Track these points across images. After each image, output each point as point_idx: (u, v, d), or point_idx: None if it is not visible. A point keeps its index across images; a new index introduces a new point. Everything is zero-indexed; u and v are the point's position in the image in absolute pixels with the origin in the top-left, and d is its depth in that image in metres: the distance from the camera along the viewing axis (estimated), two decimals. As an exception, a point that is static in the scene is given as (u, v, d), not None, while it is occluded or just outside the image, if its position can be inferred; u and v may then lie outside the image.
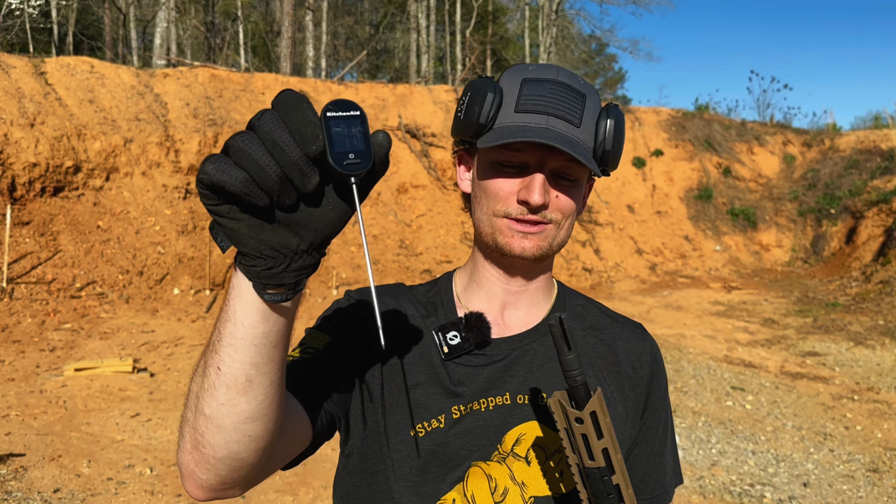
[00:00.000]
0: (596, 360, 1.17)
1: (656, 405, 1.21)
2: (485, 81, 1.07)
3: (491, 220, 1.08)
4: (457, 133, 1.11)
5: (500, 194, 1.06)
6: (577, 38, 31.94)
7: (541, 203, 1.03)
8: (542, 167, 1.05)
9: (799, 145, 19.25)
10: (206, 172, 0.67)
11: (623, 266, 14.64)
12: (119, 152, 10.98)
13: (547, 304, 1.20)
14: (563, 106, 1.04)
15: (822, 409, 6.70)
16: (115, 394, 6.16)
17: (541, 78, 1.06)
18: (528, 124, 1.03)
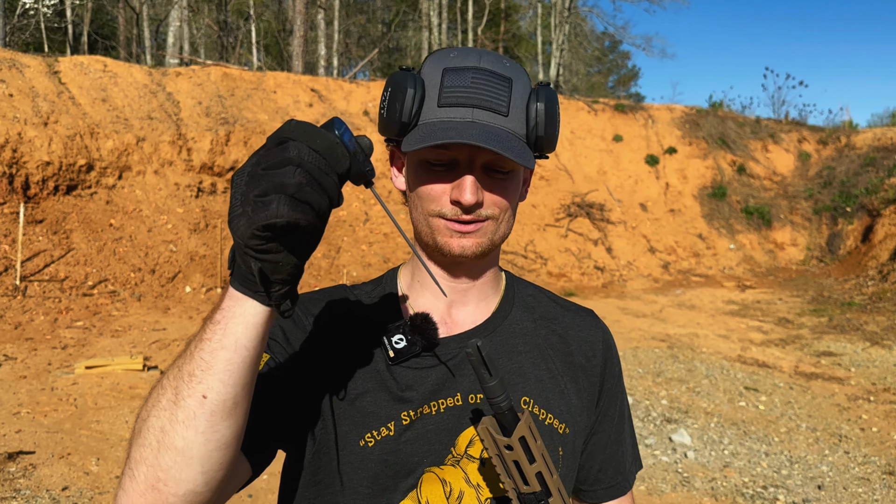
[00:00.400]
0: (548, 351, 1.14)
1: (611, 393, 1.20)
2: (404, 75, 1.01)
3: (427, 221, 1.04)
4: (382, 132, 1.06)
5: (432, 195, 1.02)
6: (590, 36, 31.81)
7: (473, 202, 0.99)
8: (473, 163, 1.00)
9: (814, 143, 19.06)
10: (280, 215, 0.69)
11: (635, 265, 14.55)
12: (132, 151, 11.02)
13: (496, 297, 1.16)
14: (487, 95, 0.99)
15: (837, 411, 6.62)
16: (125, 392, 6.16)
17: (462, 66, 1.00)
18: (452, 119, 0.98)
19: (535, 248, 13.91)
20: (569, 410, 1.11)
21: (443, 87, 0.99)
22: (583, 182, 16.08)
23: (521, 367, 1.11)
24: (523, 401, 1.08)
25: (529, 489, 0.90)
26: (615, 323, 10.00)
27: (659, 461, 5.28)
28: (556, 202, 15.25)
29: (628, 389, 6.93)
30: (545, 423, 1.08)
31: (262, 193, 0.71)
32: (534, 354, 1.13)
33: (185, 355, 0.81)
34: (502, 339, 1.12)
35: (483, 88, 0.99)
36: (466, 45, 26.47)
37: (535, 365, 1.12)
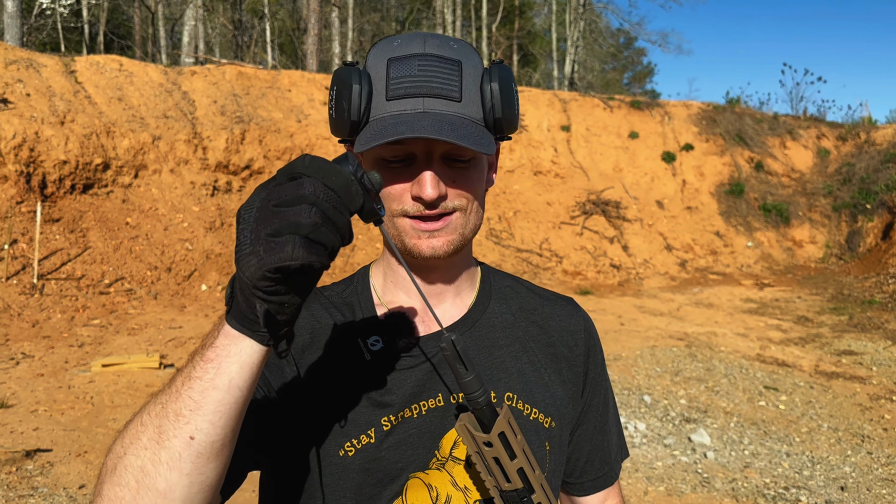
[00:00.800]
0: (529, 343, 1.11)
1: (595, 382, 1.17)
2: (347, 71, 0.96)
3: (393, 222, 0.99)
4: (335, 133, 1.01)
5: (393, 193, 0.97)
6: (606, 32, 31.63)
7: (434, 196, 0.94)
8: (431, 156, 0.96)
9: (833, 139, 18.84)
10: (295, 258, 0.67)
11: (652, 262, 14.44)
12: (147, 150, 11.05)
13: (472, 290, 1.12)
14: (436, 82, 0.94)
15: (859, 410, 6.52)
16: (141, 390, 6.17)
17: (407, 54, 0.95)
18: (402, 112, 0.93)
19: (549, 247, 13.83)
20: (553, 403, 1.09)
21: (389, 79, 0.95)
22: (598, 179, 15.99)
23: (502, 362, 1.07)
24: (507, 396, 1.05)
25: (511, 486, 0.87)
26: (632, 321, 9.92)
27: (678, 461, 5.22)
28: (571, 200, 15.17)
29: (647, 388, 6.86)
30: (530, 418, 1.05)
31: (274, 233, 0.68)
32: (515, 347, 1.09)
33: (169, 392, 0.77)
34: (482, 334, 1.08)
35: (431, 75, 0.94)
36: (411, 33, 25.92)
37: (516, 358, 1.09)
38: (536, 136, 15.97)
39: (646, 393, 6.72)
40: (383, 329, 1.03)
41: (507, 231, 13.77)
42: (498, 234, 13.56)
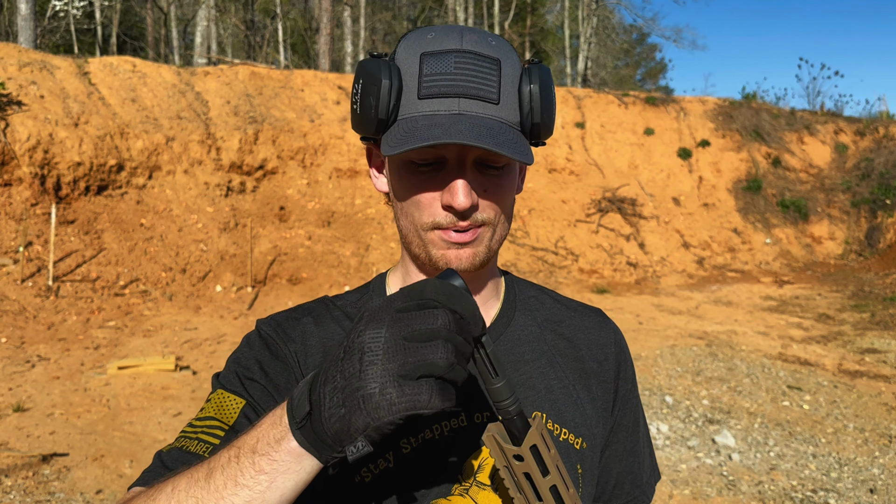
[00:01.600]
0: (557, 358, 1.03)
1: (626, 399, 1.09)
2: (376, 63, 0.88)
3: (419, 234, 0.92)
4: (358, 129, 0.93)
5: (423, 202, 0.90)
6: (619, 28, 31.43)
7: (468, 206, 0.87)
8: (464, 161, 0.88)
9: (851, 134, 18.60)
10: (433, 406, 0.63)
11: (669, 260, 14.30)
12: (161, 150, 11.05)
13: (496, 301, 1.04)
14: (474, 81, 0.87)
15: (885, 410, 6.38)
16: (157, 392, 6.14)
17: (442, 49, 0.87)
18: (435, 113, 0.86)
19: (565, 245, 13.73)
20: (584, 422, 1.00)
21: (422, 76, 0.87)
22: (613, 176, 15.85)
23: (529, 378, 0.99)
24: (534, 415, 0.93)
25: None
26: (650, 320, 9.80)
27: (703, 464, 5.12)
28: (586, 197, 15.05)
29: (668, 389, 6.76)
30: (560, 438, 0.97)
31: (409, 374, 0.63)
32: (542, 362, 1.01)
33: (206, 489, 0.70)
34: (507, 348, 1.00)
35: (468, 74, 0.87)
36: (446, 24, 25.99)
37: (544, 374, 1.01)
38: (550, 134, 15.87)
39: (667, 393, 6.61)
40: None
41: (522, 230, 13.68)
42: (513, 233, 13.47)
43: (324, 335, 0.98)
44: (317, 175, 12.38)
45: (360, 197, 12.36)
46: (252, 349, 0.97)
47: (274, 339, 0.97)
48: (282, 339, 0.96)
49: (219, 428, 0.89)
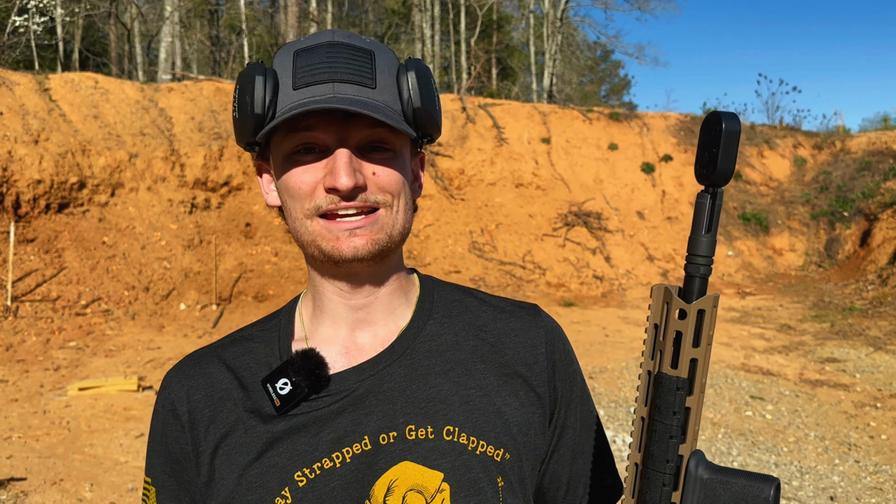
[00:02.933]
0: (477, 365, 0.96)
1: (567, 399, 1.01)
2: (250, 67, 0.88)
3: (305, 225, 0.88)
4: (240, 137, 0.91)
5: (304, 188, 0.87)
6: (583, 45, 31.88)
7: (351, 184, 0.84)
8: (345, 144, 0.86)
9: (809, 148, 19.05)
10: None
11: (634, 273, 14.47)
12: (124, 167, 10.91)
13: (408, 308, 0.99)
14: (346, 67, 0.86)
15: (844, 418, 6.51)
16: (119, 413, 6.03)
17: (314, 44, 0.88)
18: (311, 98, 0.85)
19: (532, 259, 13.81)
20: (507, 432, 0.93)
21: (296, 68, 0.87)
22: (579, 191, 16.02)
23: (440, 392, 0.93)
24: (446, 431, 0.91)
25: (675, 373, 0.72)
26: (616, 332, 9.89)
27: (667, 475, 5.17)
28: (552, 211, 15.18)
29: (633, 402, 6.81)
30: (476, 452, 0.91)
31: None
32: (457, 372, 0.95)
33: None
34: (414, 361, 0.95)
35: (341, 62, 0.86)
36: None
37: (459, 385, 0.94)
38: (517, 149, 15.99)
39: (633, 405, 6.67)
40: (293, 370, 0.90)
41: (490, 244, 13.74)
42: (481, 248, 13.51)
43: (208, 386, 0.96)
44: (283, 191, 12.34)
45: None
46: (156, 423, 0.98)
47: (164, 410, 0.97)
48: (169, 407, 0.96)
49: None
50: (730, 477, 0.73)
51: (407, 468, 0.88)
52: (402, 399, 0.92)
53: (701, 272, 0.70)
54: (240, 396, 0.93)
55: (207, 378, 0.95)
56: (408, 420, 0.90)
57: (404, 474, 0.88)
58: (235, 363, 0.96)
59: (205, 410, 0.93)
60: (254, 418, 0.91)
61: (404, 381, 0.93)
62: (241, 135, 0.90)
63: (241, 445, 0.90)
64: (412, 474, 0.88)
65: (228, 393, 0.94)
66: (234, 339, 1.01)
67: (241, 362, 0.96)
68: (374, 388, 0.92)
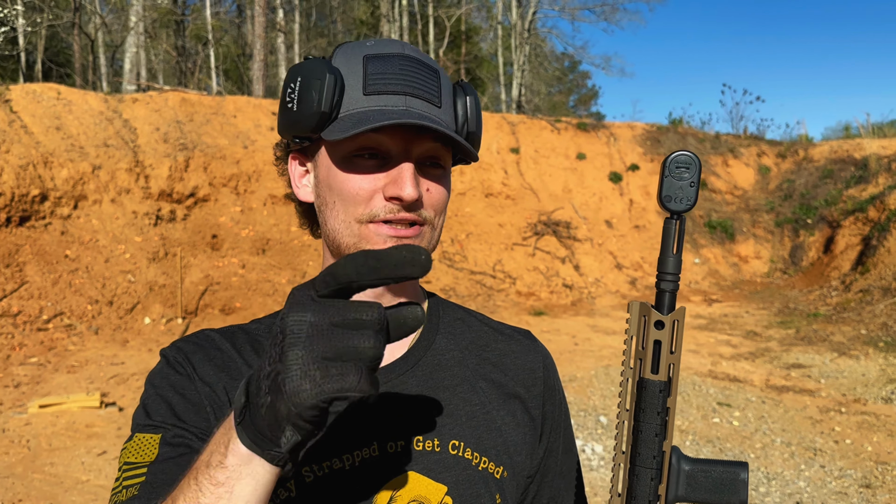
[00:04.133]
0: (480, 383, 1.00)
1: (554, 422, 1.06)
2: (316, 62, 0.88)
3: (353, 228, 0.88)
4: (291, 129, 0.90)
5: (362, 194, 0.87)
6: (551, 56, 32.14)
7: (416, 196, 0.85)
8: (408, 155, 0.87)
9: (773, 156, 19.38)
10: (362, 390, 0.58)
11: (603, 281, 14.56)
12: (87, 179, 10.73)
13: None
14: (419, 83, 0.88)
15: (810, 423, 6.60)
16: (81, 431, 5.90)
17: (386, 53, 0.89)
18: (384, 107, 0.86)
19: (503, 268, 13.84)
20: (506, 450, 0.97)
21: (367, 74, 0.87)
22: (548, 200, 16.10)
23: (447, 406, 0.96)
24: (452, 445, 0.93)
25: (657, 377, 0.80)
26: (585, 341, 9.93)
27: (636, 483, 5.18)
28: (522, 221, 15.23)
29: (602, 409, 6.84)
30: (479, 468, 0.93)
31: (335, 357, 0.58)
32: (463, 388, 0.98)
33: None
34: (425, 374, 0.97)
35: (414, 76, 0.88)
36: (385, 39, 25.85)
37: (465, 401, 0.97)
38: (486, 159, 16.04)
39: (601, 413, 6.69)
40: None
41: (461, 253, 13.73)
42: (451, 257, 13.50)
43: (226, 359, 0.93)
44: (251, 202, 12.21)
45: (296, 224, 12.20)
46: (159, 389, 0.90)
47: (185, 368, 0.91)
48: (189, 369, 0.91)
49: (141, 466, 0.82)
50: (708, 466, 0.83)
51: (412, 478, 0.90)
52: (412, 410, 0.93)
53: (671, 287, 0.80)
54: None
55: (223, 353, 0.94)
56: (416, 431, 0.92)
57: (408, 484, 0.89)
58: (245, 351, 0.95)
59: (220, 374, 0.91)
60: None
61: (415, 392, 0.95)
62: (295, 128, 0.89)
63: None
64: (416, 485, 0.89)
65: (241, 373, 0.92)
66: (239, 330, 0.99)
67: (250, 356, 0.95)
68: (386, 395, 0.93)
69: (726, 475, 0.82)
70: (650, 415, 0.80)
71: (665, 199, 0.79)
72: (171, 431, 0.85)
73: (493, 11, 29.73)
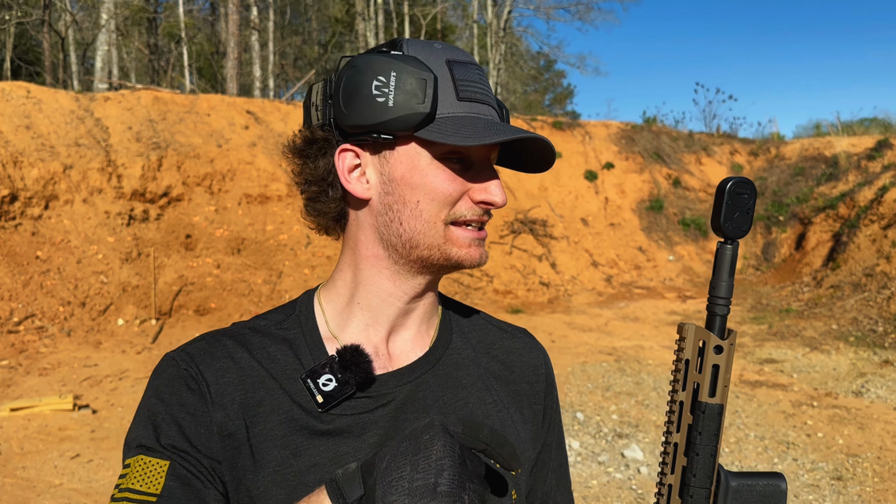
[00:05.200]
0: (491, 381, 1.02)
1: (553, 418, 1.10)
2: (413, 60, 0.86)
3: (439, 229, 0.89)
4: (381, 124, 0.86)
5: (454, 195, 0.89)
6: (526, 55, 32.23)
7: (504, 202, 0.92)
8: (490, 162, 0.93)
9: (746, 154, 19.60)
10: None
11: (579, 279, 14.64)
12: (58, 179, 10.57)
13: (435, 319, 1.03)
14: (490, 93, 0.93)
15: (782, 418, 6.69)
16: (53, 434, 5.82)
17: (464, 60, 0.92)
18: (478, 115, 0.89)
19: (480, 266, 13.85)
20: (518, 447, 0.99)
21: (456, 80, 0.89)
22: (525, 198, 16.16)
23: (466, 404, 0.97)
24: None
25: (714, 401, 0.83)
26: (562, 338, 9.98)
27: (613, 479, 5.22)
28: (499, 219, 15.27)
29: (579, 405, 6.88)
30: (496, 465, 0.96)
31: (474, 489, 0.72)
32: (478, 386, 1.00)
33: None
34: (446, 372, 0.98)
35: (487, 85, 0.93)
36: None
37: (481, 399, 0.99)
38: (462, 158, 16.05)
39: (578, 410, 6.73)
40: (335, 367, 0.89)
41: (436, 252, 13.72)
42: (426, 256, 13.49)
43: (237, 370, 0.90)
44: (225, 202, 12.10)
45: (272, 223, 12.15)
46: (170, 409, 0.87)
47: (190, 383, 0.88)
48: (197, 383, 0.88)
49: (146, 495, 0.81)
50: (752, 480, 0.85)
51: None
52: (436, 408, 0.95)
53: (724, 312, 0.82)
54: (274, 387, 0.90)
55: (236, 363, 0.91)
56: None
57: None
58: (260, 354, 0.92)
59: (235, 393, 0.89)
60: (292, 411, 0.88)
61: (437, 391, 0.96)
62: (386, 124, 0.86)
63: (276, 438, 0.87)
64: None
65: (261, 381, 0.90)
66: (250, 328, 0.96)
67: (267, 354, 0.93)
68: (412, 395, 0.94)
69: (769, 488, 0.84)
70: (707, 437, 0.82)
71: (724, 224, 0.79)
72: (180, 461, 0.84)
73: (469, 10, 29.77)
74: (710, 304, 0.82)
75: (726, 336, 0.82)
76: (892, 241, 12.39)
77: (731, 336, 0.82)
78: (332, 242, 12.35)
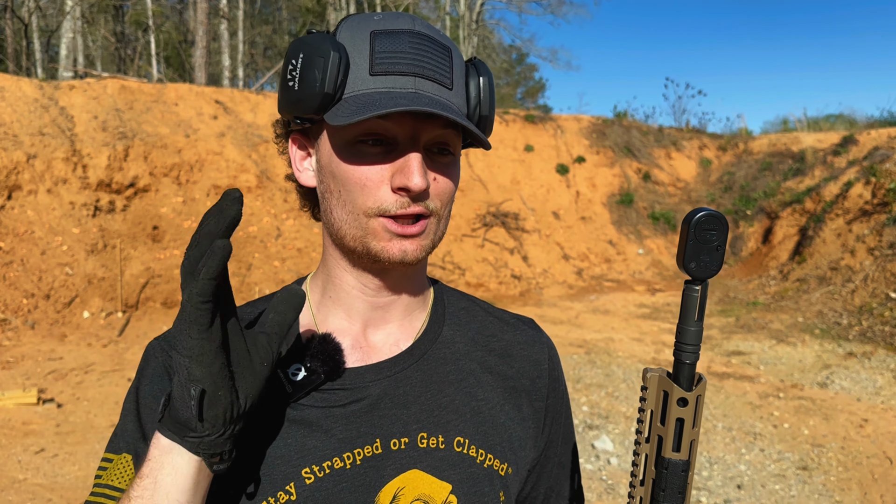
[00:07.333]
0: (485, 376, 0.96)
1: (556, 414, 1.03)
2: (320, 38, 0.82)
3: (360, 222, 0.83)
4: (291, 109, 0.84)
5: (369, 185, 0.82)
6: (499, 48, 32.27)
7: (424, 186, 0.80)
8: (417, 141, 0.82)
9: (714, 149, 19.82)
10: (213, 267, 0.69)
11: (551, 272, 14.71)
12: (21, 169, 10.34)
13: (423, 311, 0.97)
14: (429, 63, 0.82)
15: (750, 409, 6.78)
16: (17, 428, 5.70)
17: (395, 29, 0.82)
18: (392, 89, 0.80)
19: (452, 259, 13.86)
20: (511, 447, 0.95)
21: (374, 52, 0.81)
22: (497, 192, 16.18)
23: (452, 401, 0.92)
24: (457, 442, 0.90)
25: (678, 456, 0.75)
26: (533, 331, 10.02)
27: (583, 469, 5.25)
28: (471, 212, 15.28)
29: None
30: (484, 465, 0.91)
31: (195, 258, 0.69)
32: (468, 382, 0.95)
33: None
34: (430, 367, 0.93)
35: (424, 55, 0.82)
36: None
37: (470, 396, 0.94)
38: (434, 150, 16.02)
39: (549, 403, 6.76)
40: (310, 355, 0.86)
41: (408, 245, 13.69)
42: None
43: None
44: (193, 192, 11.94)
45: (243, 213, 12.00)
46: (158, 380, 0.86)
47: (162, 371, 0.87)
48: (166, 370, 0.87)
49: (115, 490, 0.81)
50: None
51: (416, 476, 0.87)
52: (417, 406, 0.90)
53: (692, 360, 0.73)
54: None
55: None
56: (420, 427, 0.89)
57: (412, 483, 0.86)
58: None
59: None
60: (269, 401, 0.84)
61: (419, 388, 0.91)
62: (296, 108, 0.83)
63: (252, 428, 0.83)
64: (420, 483, 0.87)
65: None
66: None
67: None
68: (390, 390, 0.89)
69: None
70: (671, 494, 0.76)
71: (688, 264, 0.70)
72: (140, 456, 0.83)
73: (441, 2, 29.69)
74: (676, 350, 0.74)
75: (695, 385, 0.74)
76: (856, 235, 12.63)
77: (700, 386, 0.74)
78: (302, 235, 12.26)
